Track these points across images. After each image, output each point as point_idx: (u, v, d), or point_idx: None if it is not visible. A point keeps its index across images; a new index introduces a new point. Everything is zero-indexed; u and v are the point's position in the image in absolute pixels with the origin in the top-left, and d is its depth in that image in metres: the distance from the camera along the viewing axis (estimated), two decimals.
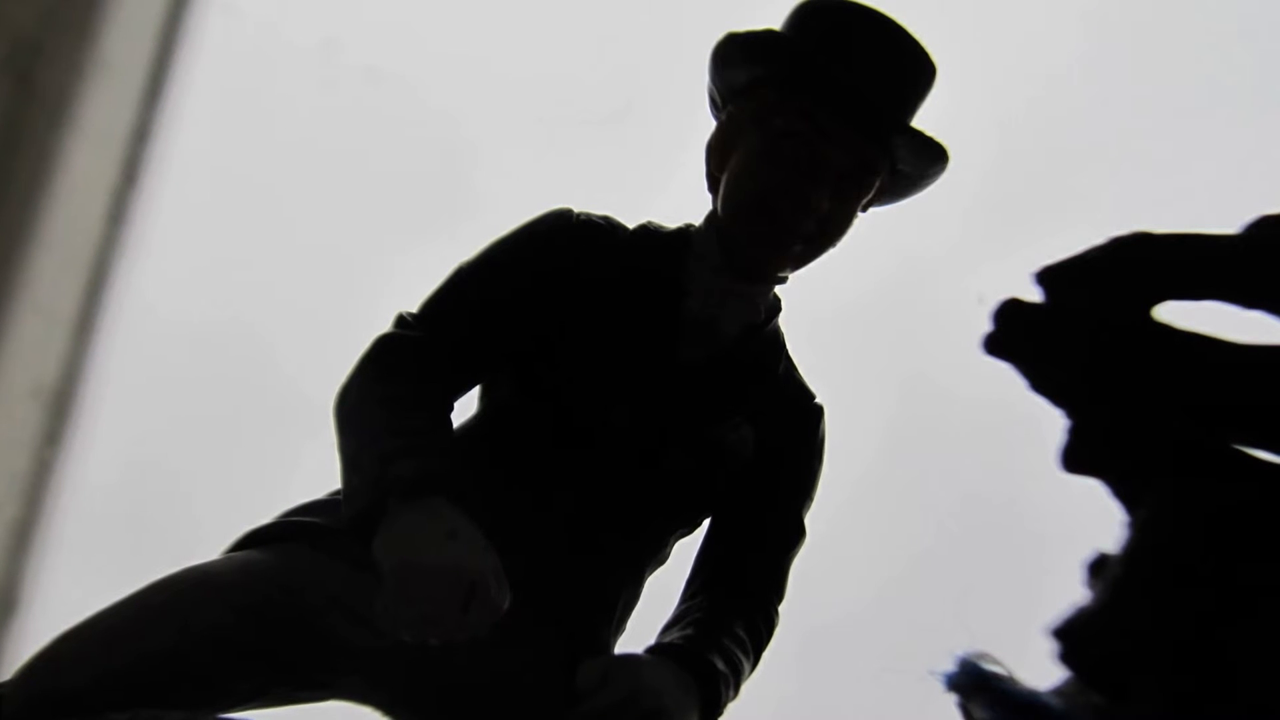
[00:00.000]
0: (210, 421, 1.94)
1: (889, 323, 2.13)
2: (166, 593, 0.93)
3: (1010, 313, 0.37)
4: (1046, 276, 0.37)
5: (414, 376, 1.02)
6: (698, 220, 1.14)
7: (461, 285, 1.09)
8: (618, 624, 1.09)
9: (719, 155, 1.11)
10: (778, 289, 1.15)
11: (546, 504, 1.04)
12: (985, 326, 0.37)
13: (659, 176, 1.90)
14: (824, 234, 1.09)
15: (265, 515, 1.05)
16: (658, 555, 1.13)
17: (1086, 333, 0.36)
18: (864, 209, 1.12)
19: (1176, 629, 0.33)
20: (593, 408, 1.05)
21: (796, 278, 1.14)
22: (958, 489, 2.05)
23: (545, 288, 1.08)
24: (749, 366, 1.12)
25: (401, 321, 1.08)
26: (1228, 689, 0.33)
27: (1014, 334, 0.36)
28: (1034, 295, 0.37)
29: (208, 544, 1.04)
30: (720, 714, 1.01)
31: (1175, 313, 0.36)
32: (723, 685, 1.00)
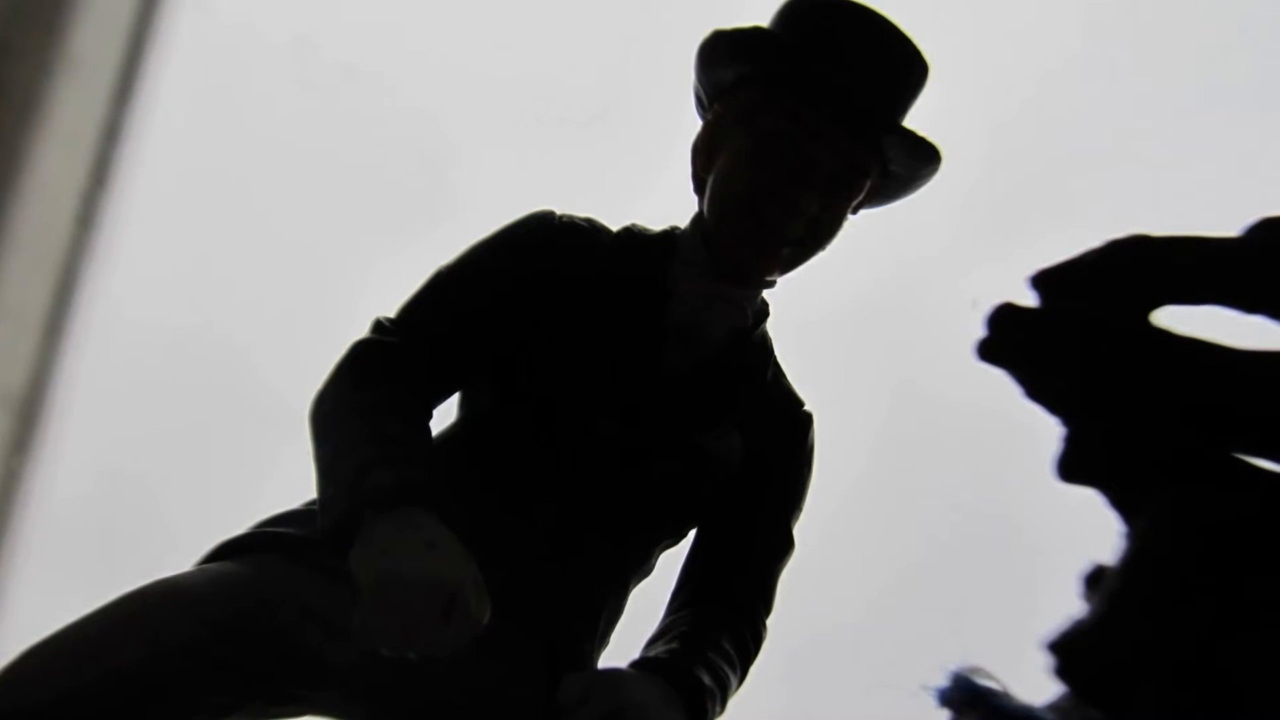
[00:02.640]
0: (183, 429, 1.93)
1: (880, 328, 2.12)
2: (137, 606, 0.91)
3: (1005, 317, 0.35)
4: (1042, 280, 0.36)
5: (391, 383, 1.01)
6: (683, 223, 1.12)
7: (440, 289, 1.08)
8: (601, 637, 1.08)
9: (705, 156, 1.10)
10: (765, 293, 1.14)
11: (528, 514, 1.02)
12: (979, 332, 0.35)
13: (643, 178, 1.89)
14: (813, 237, 1.07)
15: (239, 525, 1.03)
16: (642, 566, 1.11)
17: (1083, 338, 0.35)
18: (854, 211, 1.10)
19: (1176, 642, 0.32)
20: (575, 415, 1.04)
21: (785, 281, 1.13)
22: (951, 498, 2.04)
23: (527, 292, 1.06)
24: (736, 373, 1.11)
25: (379, 326, 1.06)
26: (1229, 703, 0.31)
27: (1009, 339, 0.35)
28: (1029, 300, 0.36)
29: (180, 555, 1.02)
30: None
31: (1175, 317, 0.35)
32: (709, 700, 0.98)
